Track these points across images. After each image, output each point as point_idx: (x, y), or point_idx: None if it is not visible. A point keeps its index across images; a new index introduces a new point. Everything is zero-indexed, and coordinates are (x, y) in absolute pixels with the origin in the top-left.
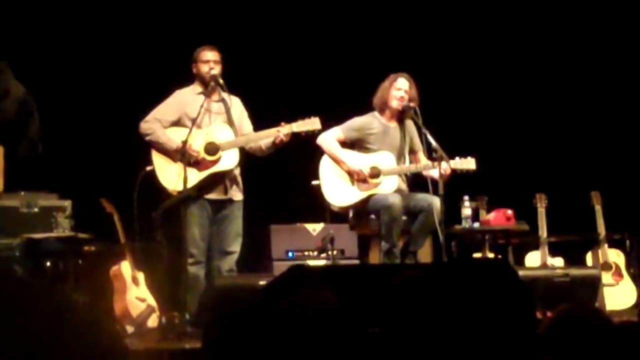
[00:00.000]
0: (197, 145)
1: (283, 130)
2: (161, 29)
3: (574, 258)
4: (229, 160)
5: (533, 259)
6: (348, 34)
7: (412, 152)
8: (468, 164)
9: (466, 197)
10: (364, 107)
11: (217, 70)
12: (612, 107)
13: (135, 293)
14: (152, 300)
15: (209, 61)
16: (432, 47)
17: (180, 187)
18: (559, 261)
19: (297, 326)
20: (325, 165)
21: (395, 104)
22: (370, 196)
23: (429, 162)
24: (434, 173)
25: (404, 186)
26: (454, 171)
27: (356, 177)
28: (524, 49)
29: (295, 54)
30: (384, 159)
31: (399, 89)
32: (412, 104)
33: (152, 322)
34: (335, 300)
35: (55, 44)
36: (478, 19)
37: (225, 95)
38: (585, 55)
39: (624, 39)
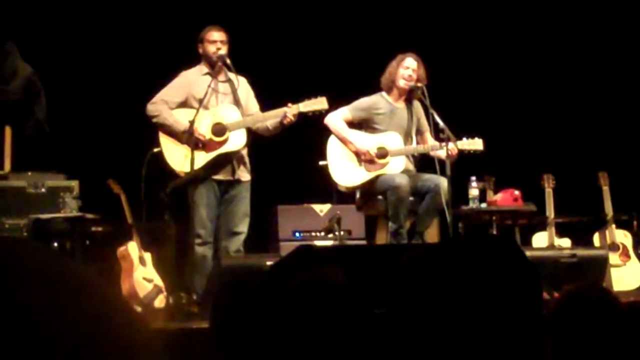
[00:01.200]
0: (204, 126)
1: (290, 111)
2: (168, 9)
3: (582, 239)
4: (236, 141)
5: (540, 239)
6: (356, 13)
7: (419, 132)
8: (475, 144)
9: (473, 178)
10: (372, 87)
11: (224, 50)
12: (619, 88)
13: (143, 273)
14: (159, 281)
15: (216, 41)
16: (440, 26)
17: (187, 168)
18: (566, 242)
19: (305, 304)
20: (332, 146)
21: (402, 83)
22: (377, 177)
23: (436, 143)
24: (441, 153)
25: (411, 167)
26: (461, 152)
27: (363, 158)
28: (531, 29)
29: (302, 33)
30: (391, 140)
31: (407, 68)
32: (419, 84)
33: (160, 302)
34: (344, 279)
35: (62, 24)
36: None
37: (232, 75)
38: (593, 35)
39: (634, 17)
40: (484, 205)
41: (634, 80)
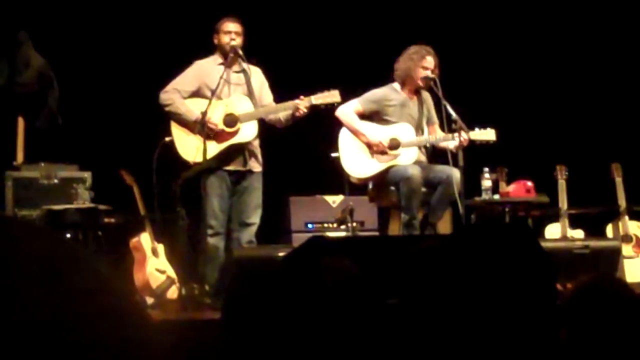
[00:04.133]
0: (216, 117)
1: (302, 103)
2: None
3: (594, 230)
4: (248, 132)
5: (553, 231)
6: (368, 5)
7: (429, 124)
8: (488, 135)
9: (486, 169)
10: (383, 79)
11: (238, 41)
12: (633, 79)
13: (155, 265)
14: (171, 272)
15: (231, 32)
16: (452, 16)
17: (199, 159)
18: (579, 233)
19: (317, 294)
20: (344, 138)
21: (422, 82)
22: (389, 168)
23: (448, 134)
24: (450, 145)
25: (423, 158)
26: (473, 142)
27: (375, 149)
28: (544, 20)
29: (315, 26)
30: (403, 131)
31: (427, 69)
32: (432, 75)
33: (172, 293)
34: (356, 269)
35: (74, 14)
36: None
37: (245, 66)
38: (608, 25)
39: None
40: (496, 196)
41: None
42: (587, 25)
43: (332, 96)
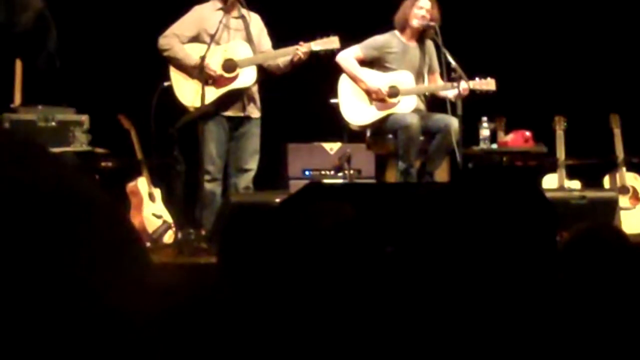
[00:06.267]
0: (215, 62)
1: (301, 49)
2: None
3: (592, 181)
4: (246, 78)
5: (550, 181)
6: None
7: (430, 72)
8: (488, 84)
9: (484, 118)
10: (384, 26)
11: None
12: (633, 30)
13: (152, 209)
14: (168, 217)
15: None
16: None
17: (197, 104)
18: (576, 184)
19: (313, 237)
20: (343, 84)
21: (416, 23)
22: (388, 115)
23: (448, 83)
24: (451, 93)
25: (422, 106)
26: (472, 92)
27: (374, 96)
28: None
29: None
30: (403, 79)
31: (421, 8)
32: (432, 23)
33: (168, 238)
34: (353, 213)
35: None
36: None
37: (244, 11)
38: None
39: None
40: (494, 146)
41: None
42: None
43: (331, 42)
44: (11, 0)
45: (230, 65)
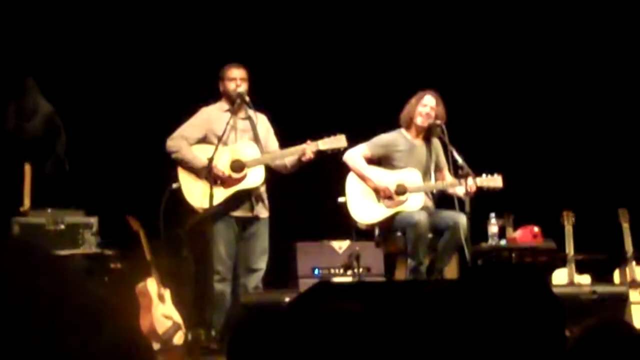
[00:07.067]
0: (223, 163)
1: (309, 148)
2: (188, 47)
3: (602, 276)
4: (255, 178)
5: (560, 276)
6: (374, 51)
7: (438, 169)
8: (495, 181)
9: (493, 215)
10: (390, 124)
11: (243, 87)
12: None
13: (162, 310)
14: (178, 318)
15: (236, 78)
16: (459, 64)
17: (206, 205)
18: (586, 279)
19: (323, 337)
20: (351, 182)
21: (420, 120)
22: (396, 213)
23: (455, 180)
24: (459, 191)
25: (430, 203)
26: (480, 189)
27: (382, 194)
28: (549, 68)
29: (321, 71)
30: (410, 176)
31: (425, 106)
32: (438, 121)
33: (178, 339)
34: (362, 311)
35: (81, 60)
36: (503, 36)
37: (251, 112)
38: (612, 72)
39: None
40: (503, 242)
41: None
42: (590, 70)
43: (338, 141)
44: (21, 106)
45: (238, 166)
